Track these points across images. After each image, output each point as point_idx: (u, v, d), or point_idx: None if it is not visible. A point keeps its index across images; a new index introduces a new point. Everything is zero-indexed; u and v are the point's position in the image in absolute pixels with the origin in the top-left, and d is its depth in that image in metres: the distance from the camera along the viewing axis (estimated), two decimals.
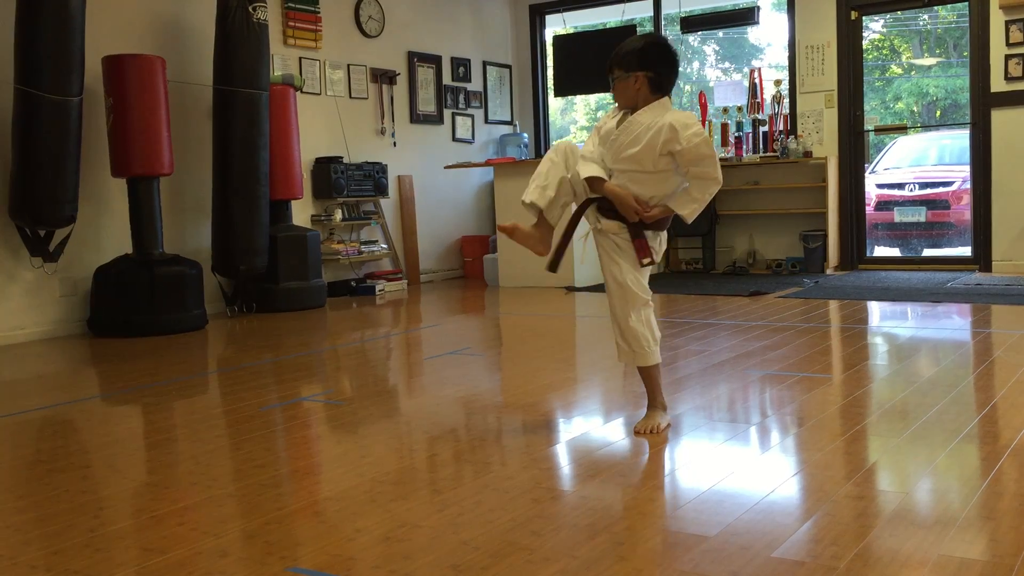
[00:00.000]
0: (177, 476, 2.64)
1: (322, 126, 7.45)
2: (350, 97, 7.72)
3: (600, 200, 2.88)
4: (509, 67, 9.51)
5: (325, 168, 7.27)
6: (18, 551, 2.07)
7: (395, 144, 8.11)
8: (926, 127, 12.36)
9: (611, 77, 2.91)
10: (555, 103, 11.94)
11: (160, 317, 5.55)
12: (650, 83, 2.83)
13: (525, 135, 9.38)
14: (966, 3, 7.56)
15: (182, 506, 2.34)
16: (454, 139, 8.81)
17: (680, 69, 2.96)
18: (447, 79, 8.71)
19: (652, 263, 2.91)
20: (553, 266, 2.97)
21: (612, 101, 2.99)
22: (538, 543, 2.01)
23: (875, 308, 5.75)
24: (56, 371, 4.74)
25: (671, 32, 9.89)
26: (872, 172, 9.62)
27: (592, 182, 2.85)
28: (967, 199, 8.31)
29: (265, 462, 2.72)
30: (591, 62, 8.95)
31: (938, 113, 14.25)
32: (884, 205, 9.50)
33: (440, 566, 1.88)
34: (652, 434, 2.87)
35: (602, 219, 2.90)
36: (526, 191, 2.92)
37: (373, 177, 7.55)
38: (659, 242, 2.93)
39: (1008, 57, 7.29)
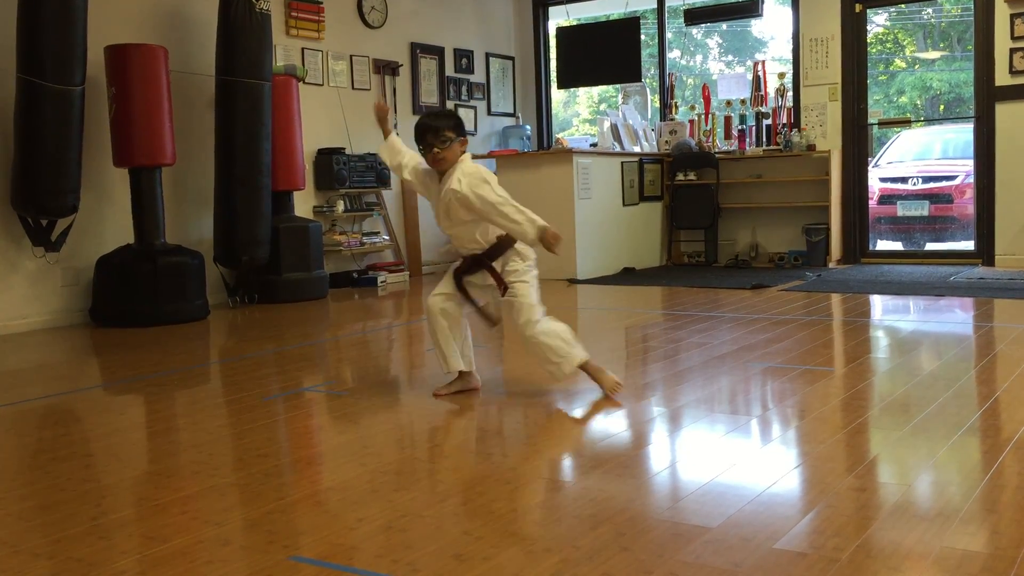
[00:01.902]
0: (179, 465, 2.65)
1: (324, 117, 7.44)
2: (352, 88, 7.71)
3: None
4: (512, 59, 9.49)
5: (327, 159, 7.26)
6: (21, 539, 2.07)
7: (398, 135, 8.08)
8: (930, 121, 12.34)
9: (437, 144, 3.36)
10: (558, 95, 11.92)
11: (162, 307, 5.55)
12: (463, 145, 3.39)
13: (528, 127, 9.37)
14: None
15: (184, 495, 2.34)
16: None
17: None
18: (450, 71, 8.70)
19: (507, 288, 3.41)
20: (492, 323, 3.55)
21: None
22: (540, 533, 2.01)
23: (877, 302, 5.75)
24: (58, 360, 4.75)
25: (674, 25, 9.86)
26: (875, 166, 9.60)
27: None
28: (970, 193, 8.29)
29: (267, 452, 2.73)
30: (594, 54, 8.96)
31: (941, 107, 14.24)
32: (887, 199, 9.48)
33: (442, 556, 1.88)
34: (619, 389, 3.19)
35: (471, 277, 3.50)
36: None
37: (375, 168, 7.54)
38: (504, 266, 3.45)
39: (1013, 51, 7.28)
